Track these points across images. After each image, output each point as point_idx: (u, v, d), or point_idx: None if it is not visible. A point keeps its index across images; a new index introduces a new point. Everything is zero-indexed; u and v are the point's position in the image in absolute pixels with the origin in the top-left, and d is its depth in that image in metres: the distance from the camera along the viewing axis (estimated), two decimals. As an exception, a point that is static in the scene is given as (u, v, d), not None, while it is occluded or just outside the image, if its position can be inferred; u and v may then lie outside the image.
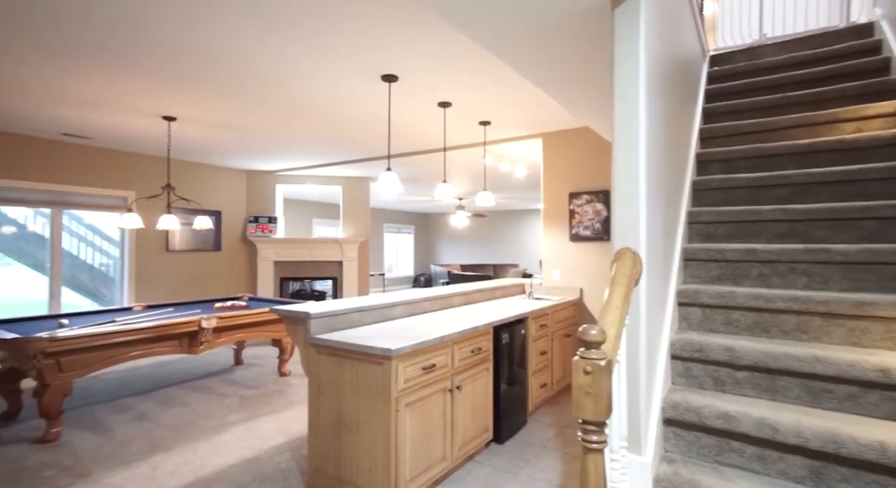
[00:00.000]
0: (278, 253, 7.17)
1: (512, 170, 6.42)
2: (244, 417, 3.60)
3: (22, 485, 2.56)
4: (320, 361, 2.51)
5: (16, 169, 4.92)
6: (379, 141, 5.17)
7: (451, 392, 2.62)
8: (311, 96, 3.67)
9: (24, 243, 7.10)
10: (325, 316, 2.60)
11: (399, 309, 3.14)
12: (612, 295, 1.43)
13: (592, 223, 4.38)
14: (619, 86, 1.67)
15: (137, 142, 5.32)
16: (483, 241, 14.22)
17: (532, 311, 3.57)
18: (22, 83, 3.41)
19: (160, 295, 6.11)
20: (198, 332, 3.87)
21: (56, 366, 3.14)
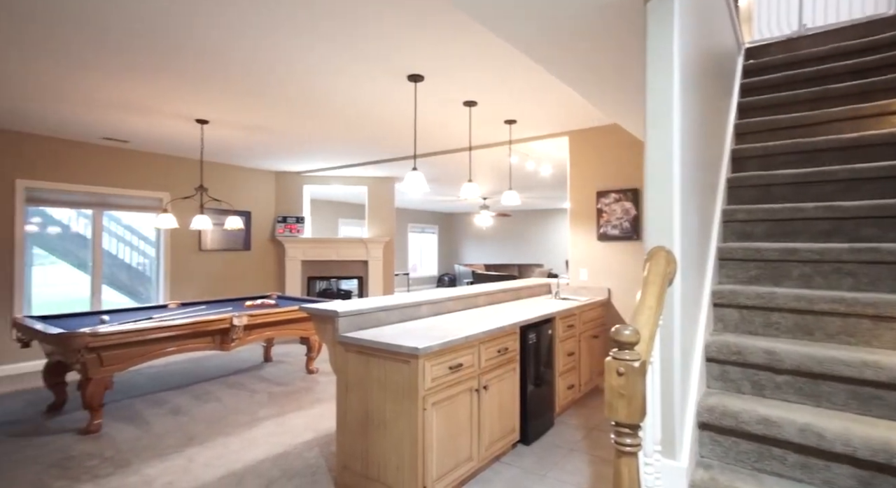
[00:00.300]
0: (305, 252, 7.30)
1: (537, 168, 6.35)
2: (274, 413, 3.67)
3: (68, 474, 2.68)
4: (348, 359, 2.54)
5: (60, 171, 5.16)
6: (404, 141, 5.20)
7: (477, 392, 2.61)
8: (339, 97, 3.72)
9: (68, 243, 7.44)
10: (353, 314, 2.62)
11: (424, 308, 3.15)
12: (646, 294, 1.40)
13: (621, 222, 4.30)
14: (652, 81, 1.63)
15: (172, 145, 5.50)
16: (507, 241, 14.13)
17: (559, 311, 3.52)
18: (67, 88, 3.57)
19: (193, 293, 6.31)
20: (229, 329, 3.97)
21: (98, 360, 3.27)
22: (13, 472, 2.71)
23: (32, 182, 4.95)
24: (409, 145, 5.42)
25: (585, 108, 3.96)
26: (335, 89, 3.53)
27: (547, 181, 7.85)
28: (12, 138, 4.82)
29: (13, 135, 4.82)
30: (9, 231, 4.81)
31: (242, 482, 2.61)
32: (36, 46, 2.80)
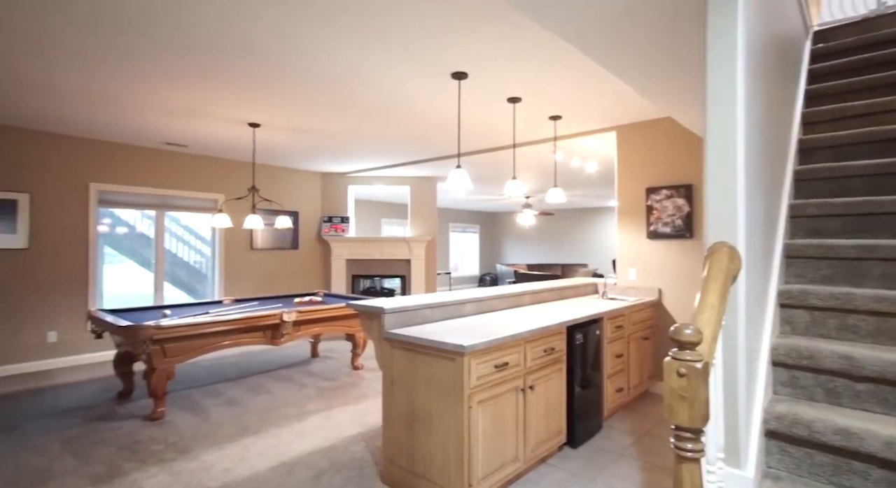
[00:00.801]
0: (350, 251, 7.47)
1: (583, 165, 6.20)
2: (321, 407, 3.77)
3: (136, 456, 2.87)
4: (394, 355, 2.57)
5: (127, 175, 5.53)
6: (447, 140, 5.21)
7: (523, 391, 2.57)
8: (384, 98, 3.77)
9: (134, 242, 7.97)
10: (399, 311, 2.65)
11: (469, 306, 3.14)
12: (708, 293, 1.32)
13: (673, 219, 4.11)
14: (713, 68, 1.54)
15: (226, 149, 5.78)
16: (550, 241, 13.89)
17: (607, 312, 3.41)
18: (133, 97, 3.82)
19: (245, 289, 6.60)
20: (280, 325, 4.12)
21: (161, 351, 3.48)
22: (91, 452, 2.92)
23: (103, 185, 5.34)
24: (451, 144, 5.43)
25: (634, 102, 3.82)
26: (380, 90, 3.58)
27: (592, 179, 7.65)
28: (86, 145, 5.21)
29: (87, 142, 5.22)
30: (84, 231, 5.21)
31: (293, 472, 2.69)
32: (105, 59, 3.01)
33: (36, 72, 3.25)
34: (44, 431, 3.26)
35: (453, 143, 5.36)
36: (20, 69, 3.20)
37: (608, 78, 3.31)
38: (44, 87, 3.58)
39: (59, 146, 5.04)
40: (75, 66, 3.13)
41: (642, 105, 3.90)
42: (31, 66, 3.14)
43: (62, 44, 2.80)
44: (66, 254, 5.09)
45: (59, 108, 4.13)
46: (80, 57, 2.99)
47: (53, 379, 4.54)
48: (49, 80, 3.42)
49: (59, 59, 3.02)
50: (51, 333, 4.99)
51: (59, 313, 5.04)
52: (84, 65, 3.12)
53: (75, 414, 3.61)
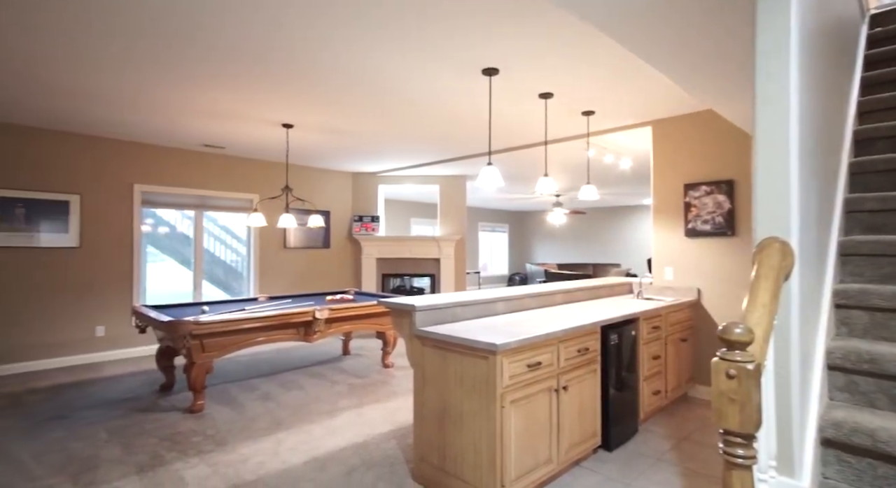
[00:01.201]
0: (380, 250, 7.53)
1: (616, 162, 6.04)
2: (353, 404, 3.81)
3: (177, 447, 2.97)
4: (425, 353, 2.56)
5: (167, 176, 5.75)
6: (477, 138, 5.17)
7: (556, 392, 2.51)
8: (414, 96, 3.78)
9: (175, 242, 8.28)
10: (430, 309, 2.64)
11: (500, 304, 3.10)
12: (758, 291, 1.25)
13: (713, 217, 3.95)
14: (763, 54, 1.45)
15: (261, 150, 5.93)
16: (581, 240, 13.63)
17: (643, 312, 3.30)
18: (175, 100, 3.96)
19: (279, 287, 6.75)
20: (312, 322, 4.18)
21: (200, 346, 3.59)
22: (136, 441, 3.04)
23: (146, 186, 5.57)
24: (481, 142, 5.39)
25: (671, 95, 3.69)
26: (411, 88, 3.58)
27: (626, 176, 7.45)
28: (131, 148, 5.45)
29: (131, 145, 5.45)
30: (129, 230, 5.45)
31: (325, 467, 2.72)
32: (151, 65, 3.13)
33: (84, 77, 3.41)
34: (91, 421, 3.42)
35: (483, 141, 5.32)
36: (71, 76, 3.37)
37: (643, 71, 3.21)
38: (92, 93, 3.75)
39: (106, 149, 5.29)
40: (123, 71, 3.27)
41: (680, 98, 3.77)
42: (80, 72, 3.29)
43: (111, 51, 2.92)
44: (113, 253, 5.34)
45: (107, 113, 4.32)
46: (128, 63, 3.12)
47: (101, 372, 4.76)
48: (97, 86, 3.59)
49: (107, 64, 3.16)
50: (99, 328, 5.24)
51: (106, 309, 5.29)
52: (131, 70, 3.25)
53: (121, 405, 3.77)
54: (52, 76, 3.38)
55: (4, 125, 4.69)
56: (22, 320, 4.78)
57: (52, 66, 3.20)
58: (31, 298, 4.82)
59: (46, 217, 4.91)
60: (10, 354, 4.71)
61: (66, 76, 3.38)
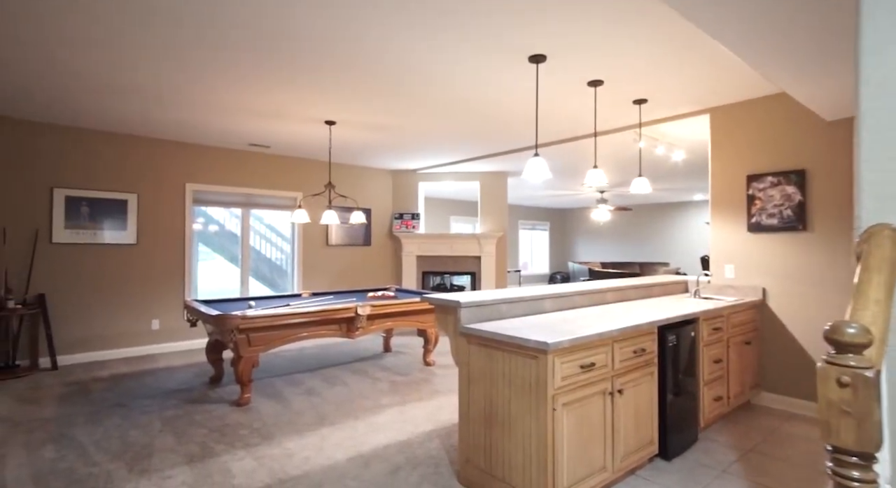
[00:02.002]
0: (420, 247, 7.50)
1: (668, 154, 5.73)
2: (396, 401, 3.77)
3: (225, 439, 3.02)
4: (470, 351, 2.46)
5: (216, 175, 5.93)
6: (520, 131, 5.03)
7: (611, 395, 2.36)
8: (458, 89, 3.69)
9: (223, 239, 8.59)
10: (475, 305, 2.54)
11: (548, 302, 2.96)
12: (868, 285, 1.07)
13: (780, 210, 3.64)
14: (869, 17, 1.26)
15: (303, 148, 6.02)
16: (627, 238, 13.14)
17: (704, 312, 3.07)
18: (223, 100, 4.05)
19: (321, 284, 6.84)
20: (354, 318, 4.18)
21: (247, 340, 3.65)
22: (187, 432, 3.12)
23: (197, 185, 5.77)
24: (524, 135, 5.24)
25: (733, 80, 3.42)
26: (454, 81, 3.50)
27: (678, 169, 7.07)
28: (183, 148, 5.66)
29: (183, 145, 5.66)
30: (181, 228, 5.66)
31: (369, 465, 2.68)
32: (206, 65, 3.20)
33: (144, 79, 3.53)
34: (147, 410, 3.54)
35: (527, 135, 5.17)
36: (131, 77, 3.50)
37: (702, 55, 2.98)
38: (151, 94, 3.90)
39: (161, 150, 5.51)
40: (180, 72, 3.36)
41: (742, 82, 3.48)
42: (140, 74, 3.41)
43: (167, 53, 3.00)
44: (167, 250, 5.56)
45: (163, 114, 4.49)
46: (185, 64, 3.20)
47: (156, 363, 4.97)
48: (157, 87, 3.71)
49: (163, 65, 3.26)
50: (154, 321, 5.47)
51: (161, 303, 5.52)
52: (187, 71, 3.34)
53: (174, 395, 3.90)
54: (114, 78, 3.52)
55: (71, 128, 4.97)
56: (88, 313, 5.05)
57: (114, 70, 3.33)
58: (95, 292, 5.09)
59: (108, 215, 5.16)
60: (77, 345, 4.99)
61: (127, 78, 3.51)
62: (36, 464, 2.68)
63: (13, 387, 4.13)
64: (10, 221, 4.68)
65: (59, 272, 4.91)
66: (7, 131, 4.66)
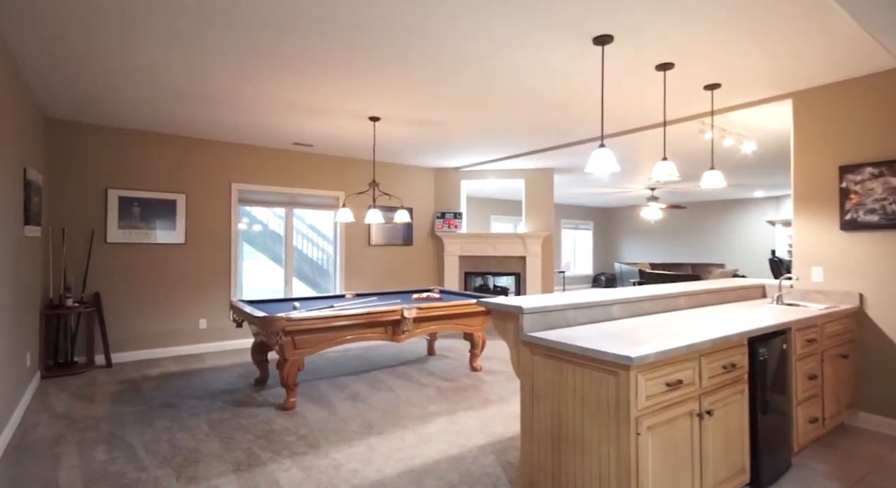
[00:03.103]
0: (463, 247, 7.30)
1: (737, 146, 5.26)
2: (444, 410, 3.57)
3: (272, 447, 2.91)
4: (534, 362, 2.22)
5: (260, 175, 5.94)
6: (574, 122, 4.73)
7: (699, 417, 2.06)
8: (512, 77, 3.45)
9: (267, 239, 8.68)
10: (539, 311, 2.30)
11: (617, 308, 2.67)
12: None
13: (882, 205, 3.19)
14: None
15: (346, 147, 5.93)
16: (676, 237, 12.46)
17: (796, 321, 2.70)
18: (269, 97, 3.98)
19: (364, 284, 6.75)
20: (400, 321, 4.02)
21: (292, 343, 3.55)
22: (234, 436, 3.04)
23: (242, 185, 5.79)
24: (578, 128, 4.93)
25: (821, 60, 3.01)
26: (511, 68, 3.26)
27: (748, 162, 6.52)
28: (228, 148, 5.69)
29: (229, 146, 5.69)
30: (227, 228, 5.69)
31: (422, 481, 2.49)
32: (249, 61, 3.11)
33: (195, 80, 3.50)
34: (195, 412, 3.50)
35: (582, 127, 4.85)
36: (185, 78, 3.47)
37: (785, 32, 2.61)
38: (201, 94, 3.87)
39: (208, 150, 5.56)
40: (230, 71, 3.29)
41: (832, 62, 3.06)
42: (193, 75, 3.37)
43: (214, 50, 2.92)
44: (214, 249, 5.60)
45: (211, 114, 4.48)
46: (234, 61, 3.12)
47: (203, 363, 4.99)
48: (202, 86, 3.68)
49: (210, 63, 3.19)
50: (202, 320, 5.52)
51: (208, 303, 5.56)
52: (237, 69, 3.26)
53: (221, 397, 3.86)
54: (168, 81, 3.50)
55: (124, 131, 5.07)
56: (139, 311, 5.14)
57: (169, 73, 3.30)
58: (146, 291, 5.18)
59: (158, 215, 5.24)
60: (130, 342, 5.09)
61: (180, 79, 3.48)
62: (88, 466, 2.65)
63: (71, 384, 4.22)
64: (69, 222, 4.81)
65: (112, 271, 5.01)
66: (66, 135, 4.79)
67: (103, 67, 3.32)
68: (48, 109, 4.44)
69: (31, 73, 3.45)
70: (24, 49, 3.02)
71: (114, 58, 3.15)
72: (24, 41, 2.90)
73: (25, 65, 3.29)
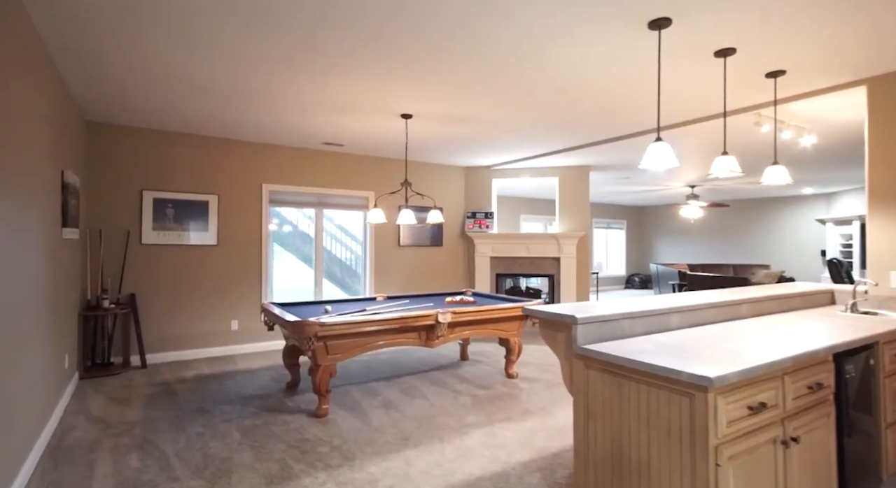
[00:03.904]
0: (494, 248, 7.09)
1: (795, 139, 4.88)
2: (482, 420, 3.39)
3: (305, 458, 2.79)
4: (589, 378, 2.02)
5: (290, 175, 5.89)
6: (620, 115, 4.47)
7: (784, 444, 1.82)
8: (557, 66, 3.24)
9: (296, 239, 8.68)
10: (593, 321, 2.09)
11: (675, 317, 2.44)
12: None
13: (979, 201, 2.83)
14: None
15: (377, 146, 5.82)
16: (715, 237, 11.91)
17: (884, 334, 2.40)
18: (301, 96, 3.89)
19: (393, 286, 6.63)
20: (435, 326, 3.86)
21: (325, 348, 3.44)
22: (266, 446, 2.94)
23: (273, 185, 5.75)
24: (625, 121, 4.66)
25: (915, 35, 2.68)
26: (556, 57, 3.05)
27: (805, 156, 6.08)
28: (259, 148, 5.66)
29: (260, 146, 5.66)
30: (258, 229, 5.66)
31: (464, 502, 2.32)
32: (280, 57, 3.01)
33: (223, 77, 3.43)
34: (227, 418, 3.43)
35: (629, 120, 4.58)
36: (211, 75, 3.40)
37: (860, 11, 2.31)
38: (230, 91, 3.81)
39: (240, 151, 5.54)
40: (261, 69, 3.21)
41: (928, 39, 2.73)
42: (220, 71, 3.30)
43: (250, 51, 2.83)
44: (245, 251, 5.58)
45: (242, 114, 4.43)
46: (263, 59, 3.03)
47: (236, 365, 4.96)
48: (237, 85, 3.61)
49: (245, 63, 3.11)
50: (234, 322, 5.51)
51: (240, 304, 5.54)
52: (267, 67, 3.17)
53: (252, 401, 3.78)
54: (200, 79, 3.45)
55: (158, 132, 5.09)
56: (173, 313, 5.16)
57: (194, 67, 3.24)
58: (179, 293, 5.19)
59: (191, 216, 5.25)
60: (163, 344, 5.11)
61: (214, 79, 3.42)
62: (121, 474, 2.59)
63: (108, 385, 4.24)
64: (106, 223, 4.85)
65: (147, 273, 5.04)
66: (105, 137, 4.84)
67: (142, 70, 3.28)
68: (87, 113, 4.48)
69: (71, 76, 3.44)
70: (63, 52, 3.00)
71: (151, 60, 3.10)
72: (64, 45, 2.87)
73: (65, 69, 3.28)
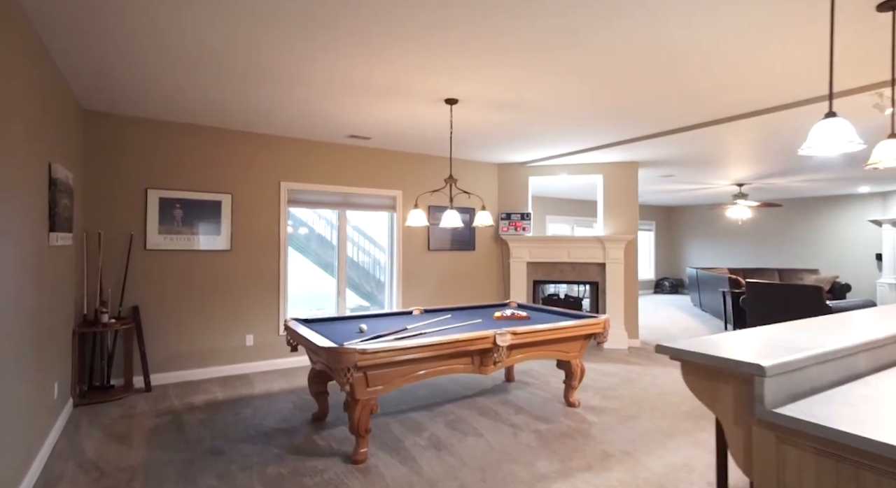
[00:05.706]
0: (532, 253, 6.45)
1: None
2: (557, 469, 2.76)
3: (349, 533, 2.17)
4: (787, 459, 1.38)
5: (311, 173, 5.28)
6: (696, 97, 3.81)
7: None
8: (642, 37, 2.60)
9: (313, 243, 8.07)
10: (784, 372, 1.45)
11: (863, 357, 1.79)
12: None
13: None
14: None
15: (408, 141, 5.20)
16: (755, 239, 11.19)
17: None
18: (329, 77, 3.27)
19: (423, 295, 6.01)
20: (491, 350, 3.23)
21: (364, 379, 2.82)
22: (294, 511, 2.33)
23: (292, 183, 5.15)
24: (705, 104, 4.01)
25: None
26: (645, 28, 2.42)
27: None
28: (277, 142, 5.06)
29: (278, 140, 5.06)
30: (276, 233, 5.07)
31: None
32: (307, 32, 2.39)
33: (237, 54, 2.82)
34: (246, 464, 2.82)
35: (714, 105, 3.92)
36: (228, 54, 2.80)
37: None
38: (245, 74, 3.21)
39: (256, 145, 4.94)
40: (286, 47, 2.60)
41: None
42: (235, 48, 2.69)
43: (268, 20, 2.23)
44: (261, 257, 4.98)
45: (259, 101, 3.83)
46: (290, 36, 2.42)
47: (252, 388, 4.35)
48: (252, 64, 3.00)
49: (263, 36, 2.50)
50: (248, 336, 4.91)
51: (255, 317, 4.95)
52: (294, 43, 2.56)
53: (275, 439, 3.17)
54: (212, 57, 2.85)
55: (164, 123, 4.50)
56: (181, 327, 4.57)
57: (211, 48, 2.63)
58: (187, 305, 4.60)
59: (201, 218, 4.66)
60: (170, 362, 4.52)
61: (228, 56, 2.81)
62: (113, 556, 1.99)
63: (106, 414, 3.65)
64: (105, 226, 4.27)
65: (152, 282, 4.45)
66: (105, 128, 4.26)
67: (147, 47, 2.68)
68: (84, 101, 3.90)
69: (62, 57, 2.85)
70: (53, 29, 2.40)
71: (154, 37, 2.49)
72: (55, 23, 2.28)
73: (55, 49, 2.69)
